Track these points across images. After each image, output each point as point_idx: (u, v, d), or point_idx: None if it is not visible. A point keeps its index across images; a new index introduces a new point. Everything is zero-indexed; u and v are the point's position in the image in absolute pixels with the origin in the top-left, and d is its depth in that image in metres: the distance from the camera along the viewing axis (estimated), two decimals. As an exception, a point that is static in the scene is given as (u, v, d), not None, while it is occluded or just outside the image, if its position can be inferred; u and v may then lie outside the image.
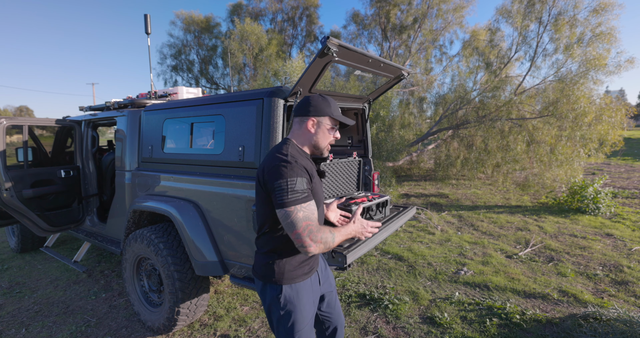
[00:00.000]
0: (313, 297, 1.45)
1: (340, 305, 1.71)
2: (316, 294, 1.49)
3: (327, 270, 1.66)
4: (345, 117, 1.41)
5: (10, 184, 3.03)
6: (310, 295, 1.43)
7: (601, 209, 5.76)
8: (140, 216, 2.84)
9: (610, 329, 2.40)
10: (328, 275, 1.64)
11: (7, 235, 4.72)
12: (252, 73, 16.72)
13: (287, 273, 1.36)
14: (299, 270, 1.39)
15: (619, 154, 14.44)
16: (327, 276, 1.62)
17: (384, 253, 4.25)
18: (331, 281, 1.65)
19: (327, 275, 1.63)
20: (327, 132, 1.41)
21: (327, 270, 1.66)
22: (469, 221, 5.60)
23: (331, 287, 1.62)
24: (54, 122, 3.42)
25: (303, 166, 1.28)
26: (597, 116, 7.41)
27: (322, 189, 1.44)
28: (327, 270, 1.65)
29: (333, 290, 1.65)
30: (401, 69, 2.79)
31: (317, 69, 2.00)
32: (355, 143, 3.68)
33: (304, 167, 1.28)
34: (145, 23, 3.74)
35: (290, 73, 10.69)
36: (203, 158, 2.44)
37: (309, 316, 1.41)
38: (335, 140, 1.46)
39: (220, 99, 2.40)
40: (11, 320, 2.94)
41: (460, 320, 2.74)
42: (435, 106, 11.29)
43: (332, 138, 1.43)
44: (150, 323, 2.63)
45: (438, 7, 13.03)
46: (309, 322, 1.41)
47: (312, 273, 1.47)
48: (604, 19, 8.24)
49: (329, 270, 1.67)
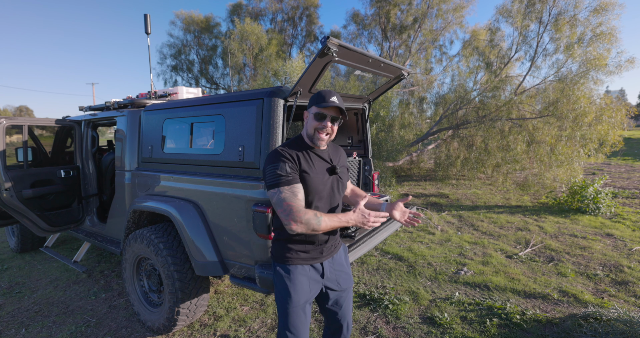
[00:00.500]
0: (309, 285, 1.52)
1: (350, 307, 1.72)
2: (315, 284, 1.54)
3: (343, 269, 1.67)
4: (326, 103, 1.45)
5: (10, 184, 3.03)
6: (305, 282, 1.51)
7: (601, 210, 5.76)
8: (140, 216, 2.84)
9: (611, 329, 2.40)
10: (341, 274, 1.64)
11: (7, 235, 4.72)
12: (252, 73, 16.72)
13: (283, 254, 1.52)
14: (294, 254, 1.51)
15: (619, 154, 14.44)
16: (338, 275, 1.63)
17: (384, 253, 4.25)
18: (343, 281, 1.65)
19: (340, 274, 1.64)
20: (312, 120, 1.49)
21: (343, 269, 1.67)
22: (469, 221, 5.60)
23: (341, 287, 1.64)
24: (53, 122, 3.42)
25: (289, 154, 1.44)
26: (597, 116, 7.41)
27: (326, 181, 1.52)
28: (342, 269, 1.66)
29: (344, 291, 1.66)
30: (401, 69, 2.78)
31: (317, 69, 2.00)
32: (355, 143, 3.68)
33: (290, 155, 1.44)
34: (145, 23, 3.73)
35: (290, 73, 10.69)
36: (203, 158, 2.44)
37: (301, 300, 1.49)
38: (326, 132, 1.49)
39: (220, 99, 2.40)
40: (11, 320, 2.94)
41: (460, 320, 2.73)
42: (435, 106, 11.30)
43: (319, 125, 1.47)
44: (150, 323, 2.63)
45: (438, 7, 13.04)
46: (301, 306, 1.49)
47: (312, 261, 1.53)
48: (604, 19, 8.23)
49: (344, 271, 1.67)
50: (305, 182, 1.45)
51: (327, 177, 1.53)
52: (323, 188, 1.50)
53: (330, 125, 1.49)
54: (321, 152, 1.56)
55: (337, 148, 1.71)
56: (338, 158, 1.65)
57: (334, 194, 1.56)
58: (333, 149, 1.66)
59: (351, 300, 1.72)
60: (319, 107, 1.46)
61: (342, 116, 1.51)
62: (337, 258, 1.66)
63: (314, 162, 1.51)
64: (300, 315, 1.49)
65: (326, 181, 1.52)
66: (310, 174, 1.47)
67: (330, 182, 1.54)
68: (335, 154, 1.64)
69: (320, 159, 1.54)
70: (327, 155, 1.58)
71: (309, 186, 1.46)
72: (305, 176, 1.45)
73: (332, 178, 1.55)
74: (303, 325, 1.50)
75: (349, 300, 1.70)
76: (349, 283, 1.69)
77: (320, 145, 1.52)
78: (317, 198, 1.49)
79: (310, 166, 1.48)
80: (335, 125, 1.51)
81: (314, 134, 1.49)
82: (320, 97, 1.47)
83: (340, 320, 1.68)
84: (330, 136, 1.53)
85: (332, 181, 1.55)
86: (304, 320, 1.51)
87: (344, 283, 1.65)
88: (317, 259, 1.54)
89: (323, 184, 1.50)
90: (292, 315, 1.48)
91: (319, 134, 1.49)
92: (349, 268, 1.72)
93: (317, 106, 1.46)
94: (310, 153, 1.52)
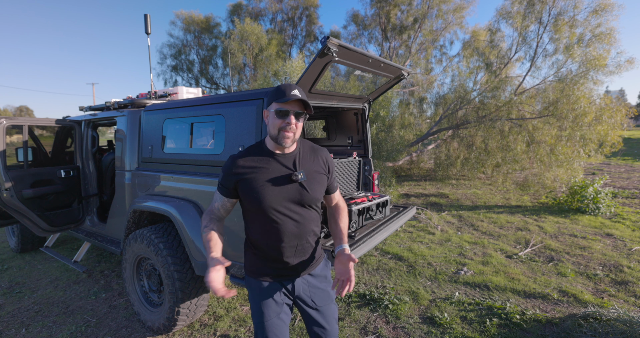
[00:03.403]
0: (281, 299, 1.44)
1: (336, 328, 1.56)
2: (286, 299, 1.46)
3: (319, 287, 1.52)
4: (287, 97, 1.29)
5: (10, 184, 3.03)
6: (277, 297, 1.43)
7: (601, 209, 5.76)
8: (140, 216, 2.84)
9: (610, 329, 2.40)
10: (316, 292, 1.51)
11: (7, 235, 4.72)
12: (252, 73, 16.72)
13: (251, 267, 1.49)
14: (261, 269, 1.46)
15: (618, 154, 14.44)
16: (313, 293, 1.50)
17: (384, 253, 4.25)
18: (319, 299, 1.50)
19: (315, 291, 1.51)
20: (274, 119, 1.34)
21: (319, 287, 1.52)
22: (469, 221, 5.60)
23: (316, 305, 1.49)
24: (54, 122, 3.42)
25: (230, 166, 1.40)
26: (597, 116, 7.41)
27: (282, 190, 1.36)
28: (317, 286, 1.52)
29: (321, 309, 1.51)
30: (401, 69, 2.79)
31: (317, 69, 2.00)
32: (355, 143, 3.68)
33: (231, 166, 1.40)
34: (145, 23, 3.74)
35: (290, 73, 10.69)
36: (203, 158, 2.44)
37: (272, 314, 1.41)
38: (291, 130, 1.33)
39: (220, 99, 2.40)
40: (11, 320, 2.94)
41: (460, 320, 2.74)
42: (435, 106, 11.30)
43: (282, 123, 1.32)
44: (150, 323, 2.63)
45: (438, 7, 13.05)
46: (272, 319, 1.41)
47: (280, 278, 1.44)
48: (603, 19, 8.25)
49: (321, 288, 1.52)
50: (251, 191, 1.35)
51: (285, 185, 1.36)
52: (276, 197, 1.35)
53: (295, 122, 1.32)
54: (284, 157, 1.40)
55: (315, 151, 1.49)
56: (310, 163, 1.44)
57: (294, 203, 1.38)
58: (308, 153, 1.47)
59: (335, 320, 1.56)
60: (280, 103, 1.30)
61: (306, 110, 1.36)
62: (315, 275, 1.52)
63: (271, 169, 1.37)
64: (274, 325, 1.41)
65: (283, 191, 1.36)
66: (259, 183, 1.35)
67: (288, 191, 1.37)
68: (307, 159, 1.45)
69: (280, 166, 1.38)
70: (292, 161, 1.40)
71: (255, 194, 1.34)
72: (252, 184, 1.35)
73: (292, 187, 1.37)
74: (276, 336, 1.41)
75: (332, 319, 1.53)
76: (326, 300, 1.52)
77: (285, 144, 1.35)
78: (266, 208, 1.35)
79: (263, 173, 1.36)
80: (299, 121, 1.35)
81: (278, 134, 1.33)
82: (280, 92, 1.31)
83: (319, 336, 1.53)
84: (296, 134, 1.36)
85: (292, 190, 1.37)
86: (281, 328, 1.42)
87: (320, 301, 1.50)
88: (285, 277, 1.45)
89: (277, 193, 1.35)
90: (268, 327, 1.40)
91: (284, 133, 1.32)
92: (328, 285, 1.55)
93: (277, 102, 1.31)
94: (269, 160, 1.38)
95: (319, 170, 1.46)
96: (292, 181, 1.37)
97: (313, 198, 1.41)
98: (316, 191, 1.42)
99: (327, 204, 1.62)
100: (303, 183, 1.38)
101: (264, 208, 1.35)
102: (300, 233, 1.41)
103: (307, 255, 1.47)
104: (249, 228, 1.46)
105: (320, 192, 1.46)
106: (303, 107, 1.35)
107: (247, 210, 1.43)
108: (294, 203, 1.38)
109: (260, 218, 1.38)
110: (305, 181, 1.39)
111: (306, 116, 1.39)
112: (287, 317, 1.46)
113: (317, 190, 1.43)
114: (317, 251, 1.53)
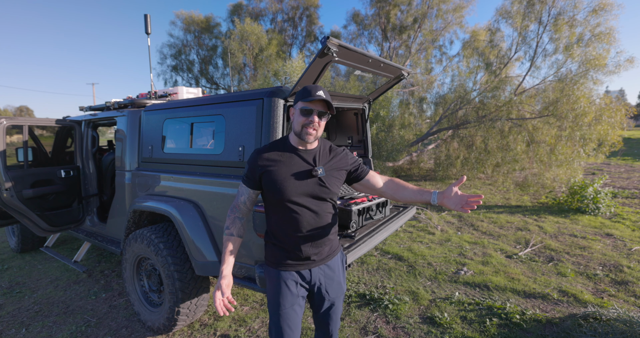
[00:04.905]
0: (296, 290, 1.51)
1: (339, 319, 1.67)
2: (301, 290, 1.53)
3: (334, 278, 1.60)
4: (312, 97, 1.40)
5: (10, 184, 3.03)
6: (292, 287, 1.50)
7: (601, 209, 5.76)
8: (140, 216, 2.84)
9: (610, 329, 2.41)
10: (331, 283, 1.59)
11: (7, 235, 4.72)
12: (252, 73, 16.73)
13: (270, 257, 1.55)
14: (280, 259, 1.51)
15: (618, 154, 14.44)
16: (328, 284, 1.58)
17: (384, 253, 4.25)
18: (332, 291, 1.59)
19: (330, 282, 1.59)
20: (299, 116, 1.44)
21: (334, 278, 1.60)
22: (469, 221, 5.60)
23: (329, 296, 1.58)
24: (54, 122, 3.42)
25: (255, 158, 1.48)
26: (597, 116, 7.42)
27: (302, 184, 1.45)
28: (333, 278, 1.59)
29: (334, 300, 1.60)
30: (401, 69, 2.79)
31: (317, 69, 2.00)
32: (355, 143, 3.68)
33: (256, 159, 1.48)
34: (145, 23, 3.74)
35: (290, 73, 10.69)
36: (203, 158, 2.44)
37: (287, 304, 1.48)
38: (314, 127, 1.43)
39: (220, 99, 2.40)
40: (11, 320, 2.94)
41: (460, 320, 2.74)
42: (435, 106, 11.30)
43: (306, 121, 1.42)
44: (150, 323, 2.63)
45: (438, 7, 13.05)
46: (286, 309, 1.48)
47: (299, 267, 1.51)
48: (602, 19, 8.26)
49: (335, 280, 1.60)
50: (274, 182, 1.43)
51: (305, 179, 1.46)
52: (296, 190, 1.44)
53: (318, 120, 1.43)
54: (305, 153, 1.50)
55: (334, 150, 1.61)
56: (330, 160, 1.55)
57: (313, 197, 1.47)
58: (328, 151, 1.57)
59: (340, 312, 1.67)
60: (305, 102, 1.42)
61: (329, 111, 1.46)
62: (330, 266, 1.59)
63: (293, 163, 1.46)
64: (288, 316, 1.48)
65: (303, 184, 1.45)
66: (281, 175, 1.44)
67: (308, 185, 1.46)
68: (326, 156, 1.55)
69: (301, 161, 1.48)
70: (313, 156, 1.51)
71: (277, 186, 1.43)
72: (275, 176, 1.44)
73: (311, 181, 1.46)
74: (289, 327, 1.48)
75: (339, 312, 1.65)
76: (339, 292, 1.62)
77: (308, 140, 1.45)
78: (287, 200, 1.44)
79: (285, 166, 1.45)
80: (322, 120, 1.46)
81: (301, 130, 1.44)
82: (306, 92, 1.42)
83: (331, 333, 1.66)
84: (318, 131, 1.46)
85: (311, 184, 1.46)
86: (294, 320, 1.50)
87: (333, 293, 1.59)
88: (303, 266, 1.51)
89: (298, 186, 1.44)
90: (282, 316, 1.48)
91: (307, 129, 1.43)
92: (343, 277, 1.66)
93: (302, 100, 1.42)
94: (292, 154, 1.48)
95: (337, 167, 1.57)
96: (312, 176, 1.47)
97: (330, 192, 1.52)
98: (334, 185, 1.53)
99: (375, 186, 1.66)
100: (322, 178, 1.48)
101: (284, 199, 1.44)
102: (318, 223, 1.50)
103: (324, 245, 1.56)
104: (270, 220, 1.54)
105: (338, 187, 1.56)
106: (326, 108, 1.45)
107: (268, 202, 1.52)
108: (312, 196, 1.48)
109: (280, 210, 1.47)
110: (324, 176, 1.49)
111: (329, 115, 1.48)
112: (300, 309, 1.54)
113: (334, 185, 1.53)
114: (334, 243, 1.62)
